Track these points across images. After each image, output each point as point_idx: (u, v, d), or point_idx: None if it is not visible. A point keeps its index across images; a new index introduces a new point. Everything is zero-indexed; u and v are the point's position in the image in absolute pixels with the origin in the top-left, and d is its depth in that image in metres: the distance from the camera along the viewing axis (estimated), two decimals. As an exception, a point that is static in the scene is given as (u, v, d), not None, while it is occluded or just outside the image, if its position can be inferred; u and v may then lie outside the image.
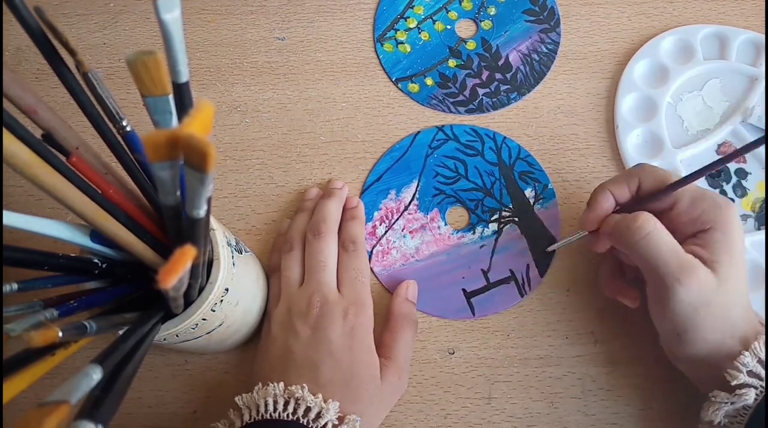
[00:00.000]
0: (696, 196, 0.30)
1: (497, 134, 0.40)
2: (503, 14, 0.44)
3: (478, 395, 0.35)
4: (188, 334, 0.27)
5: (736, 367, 0.27)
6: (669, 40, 0.42)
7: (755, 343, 0.28)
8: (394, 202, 0.39)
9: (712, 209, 0.29)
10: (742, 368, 0.27)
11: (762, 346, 0.28)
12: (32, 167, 0.17)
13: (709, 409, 0.28)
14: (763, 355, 0.27)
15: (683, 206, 0.30)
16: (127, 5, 0.45)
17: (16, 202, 0.39)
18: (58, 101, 0.41)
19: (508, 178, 0.39)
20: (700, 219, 0.29)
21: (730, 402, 0.28)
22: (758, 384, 0.27)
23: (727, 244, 0.28)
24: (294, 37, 0.44)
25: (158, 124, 0.19)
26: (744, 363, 0.27)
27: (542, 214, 0.38)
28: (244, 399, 0.30)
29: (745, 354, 0.27)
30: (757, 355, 0.27)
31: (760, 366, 0.27)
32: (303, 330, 0.32)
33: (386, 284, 0.37)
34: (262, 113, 0.41)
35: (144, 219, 0.24)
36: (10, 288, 0.22)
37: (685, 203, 0.30)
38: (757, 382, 0.27)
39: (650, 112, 0.40)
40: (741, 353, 0.28)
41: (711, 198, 0.29)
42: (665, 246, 0.28)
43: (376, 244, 0.38)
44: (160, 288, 0.15)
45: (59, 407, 0.15)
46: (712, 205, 0.29)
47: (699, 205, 0.29)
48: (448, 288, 0.37)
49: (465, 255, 0.37)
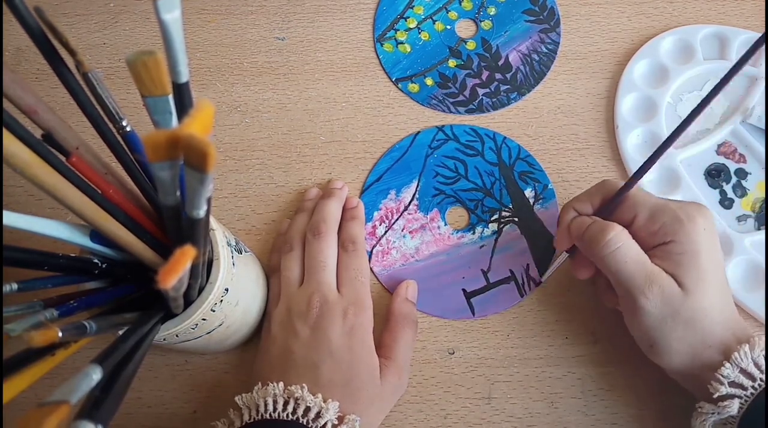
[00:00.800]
0: (656, 209, 0.29)
1: (497, 134, 0.40)
2: (503, 14, 0.44)
3: (478, 395, 0.35)
4: (188, 334, 0.27)
5: (718, 379, 0.27)
6: (669, 40, 0.42)
7: (736, 353, 0.27)
8: (394, 202, 0.39)
9: (672, 222, 0.29)
10: (723, 380, 0.27)
11: (745, 356, 0.27)
12: (32, 167, 0.17)
13: (697, 419, 0.29)
14: (747, 363, 0.27)
15: (642, 219, 0.30)
16: (127, 5, 0.45)
17: (16, 202, 0.39)
18: (58, 101, 0.41)
19: (508, 178, 0.39)
20: (660, 231, 0.29)
21: (716, 413, 0.28)
22: (742, 394, 0.27)
23: (689, 257, 0.28)
24: (294, 37, 0.44)
25: (158, 124, 0.19)
26: (725, 375, 0.27)
27: (542, 214, 0.38)
28: (243, 398, 0.30)
29: (726, 365, 0.27)
30: (739, 365, 0.27)
31: (743, 376, 0.27)
32: (303, 330, 0.32)
33: (386, 284, 0.37)
34: (262, 113, 0.41)
35: (144, 219, 0.24)
36: (10, 288, 0.22)
37: (643, 216, 0.30)
38: (741, 392, 0.27)
39: (650, 112, 0.40)
40: (722, 364, 0.28)
41: (672, 211, 0.29)
42: (632, 260, 0.28)
43: (376, 244, 0.38)
44: (159, 288, 0.15)
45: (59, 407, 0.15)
46: (672, 219, 0.29)
47: (659, 219, 0.29)
48: (448, 289, 0.37)
49: (465, 255, 0.37)
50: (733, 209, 0.38)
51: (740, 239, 0.36)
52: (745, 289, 0.36)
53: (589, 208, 0.32)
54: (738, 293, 0.36)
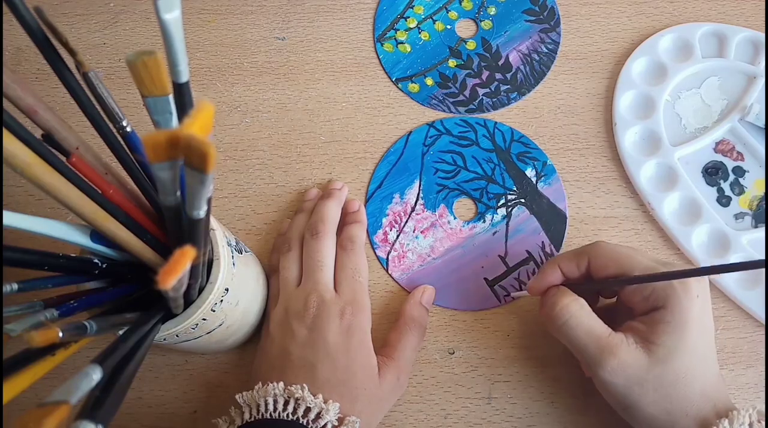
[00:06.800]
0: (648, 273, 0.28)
1: (488, 121, 0.40)
2: (503, 14, 0.44)
3: (478, 395, 0.35)
4: (188, 334, 0.27)
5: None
6: (667, 38, 0.42)
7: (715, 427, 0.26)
8: (400, 205, 0.39)
9: (663, 288, 0.28)
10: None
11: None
12: (32, 167, 0.17)
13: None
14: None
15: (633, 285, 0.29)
16: (127, 5, 0.45)
17: (16, 202, 0.39)
18: (58, 101, 0.41)
19: (507, 162, 0.39)
20: (652, 297, 0.28)
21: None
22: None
23: (674, 325, 0.27)
24: (294, 37, 0.44)
25: (158, 124, 0.19)
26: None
27: (547, 191, 0.38)
28: (244, 397, 0.30)
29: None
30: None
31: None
32: (300, 330, 0.32)
33: (408, 288, 0.37)
34: (262, 113, 0.41)
35: (144, 219, 0.24)
36: (10, 288, 0.21)
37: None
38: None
39: (648, 109, 0.40)
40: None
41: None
42: (583, 333, 0.28)
43: (390, 250, 0.38)
44: (159, 288, 0.15)
45: (59, 407, 0.15)
46: (664, 285, 0.28)
47: (650, 284, 0.28)
48: (470, 281, 0.37)
49: (480, 244, 0.37)
50: (730, 207, 0.38)
51: (737, 237, 0.36)
52: (743, 288, 0.36)
53: (575, 269, 0.30)
54: (736, 292, 0.36)
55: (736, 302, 0.36)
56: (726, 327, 0.36)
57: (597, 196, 0.39)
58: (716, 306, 0.36)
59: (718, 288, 0.36)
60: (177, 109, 0.19)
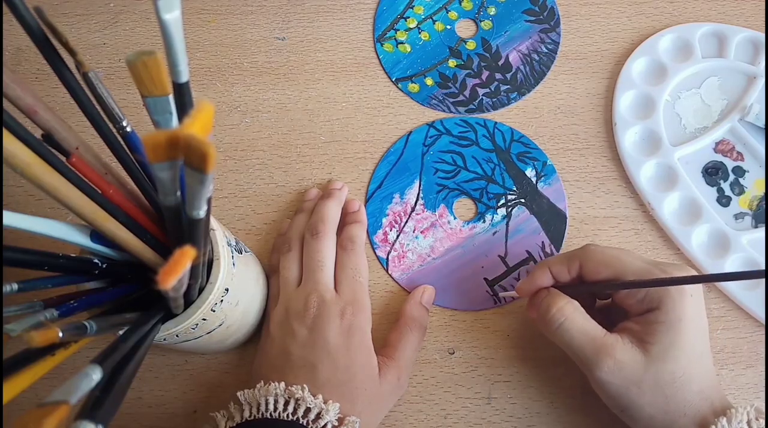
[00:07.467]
0: (641, 275, 0.29)
1: (488, 121, 0.40)
2: (503, 14, 0.44)
3: (478, 395, 0.35)
4: (188, 334, 0.27)
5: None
6: (667, 38, 0.42)
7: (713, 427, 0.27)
8: (400, 205, 0.39)
9: (657, 289, 0.28)
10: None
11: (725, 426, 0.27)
12: (32, 167, 0.17)
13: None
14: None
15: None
16: (127, 5, 0.45)
17: (16, 202, 0.39)
18: (58, 101, 0.41)
19: (507, 162, 0.39)
20: (646, 299, 0.28)
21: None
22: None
23: (668, 324, 0.27)
24: (294, 37, 0.44)
25: (158, 125, 0.19)
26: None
27: (547, 191, 0.38)
28: (245, 394, 0.30)
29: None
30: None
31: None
32: (300, 330, 0.32)
33: (408, 288, 0.37)
34: (262, 113, 0.41)
35: (144, 219, 0.24)
36: (10, 288, 0.22)
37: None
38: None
39: (648, 109, 0.40)
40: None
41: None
42: (578, 334, 0.28)
43: (390, 250, 0.38)
44: (159, 288, 0.15)
45: (59, 407, 0.15)
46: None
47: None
48: (470, 281, 0.37)
49: (480, 244, 0.38)
50: (730, 207, 0.38)
51: (737, 237, 0.36)
52: (743, 288, 0.36)
53: (566, 272, 0.30)
54: (736, 292, 0.36)
55: (736, 302, 0.36)
56: (726, 327, 0.36)
57: (597, 196, 0.39)
58: (716, 306, 0.36)
59: (719, 289, 0.36)
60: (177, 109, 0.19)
